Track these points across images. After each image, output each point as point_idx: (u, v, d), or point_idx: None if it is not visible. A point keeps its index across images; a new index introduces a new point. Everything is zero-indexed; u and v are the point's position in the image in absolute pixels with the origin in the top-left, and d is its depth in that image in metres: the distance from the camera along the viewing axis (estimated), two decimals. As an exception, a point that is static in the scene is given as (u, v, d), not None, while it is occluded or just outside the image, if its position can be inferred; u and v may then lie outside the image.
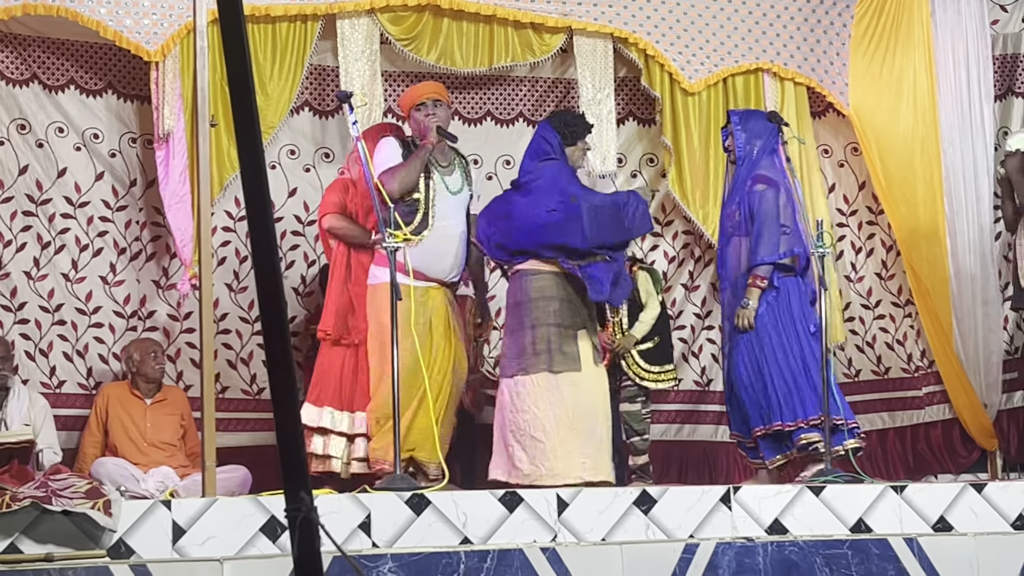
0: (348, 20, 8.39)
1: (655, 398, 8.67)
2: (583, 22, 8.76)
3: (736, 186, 7.69)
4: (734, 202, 7.66)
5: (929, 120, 9.17)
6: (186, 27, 7.75)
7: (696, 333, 9.27)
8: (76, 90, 8.31)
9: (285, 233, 8.52)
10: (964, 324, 9.12)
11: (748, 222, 7.55)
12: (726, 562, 5.98)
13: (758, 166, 7.64)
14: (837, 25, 9.25)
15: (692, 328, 9.27)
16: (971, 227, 9.16)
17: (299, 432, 2.56)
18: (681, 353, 9.18)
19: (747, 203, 7.57)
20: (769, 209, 7.48)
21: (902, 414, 9.36)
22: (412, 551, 5.64)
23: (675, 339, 9.03)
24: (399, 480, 6.39)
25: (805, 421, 7.34)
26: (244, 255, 8.48)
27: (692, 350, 9.26)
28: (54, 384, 8.17)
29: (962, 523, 6.52)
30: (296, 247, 8.66)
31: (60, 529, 5.35)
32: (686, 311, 9.26)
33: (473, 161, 8.99)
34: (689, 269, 9.26)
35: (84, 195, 8.26)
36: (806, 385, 7.43)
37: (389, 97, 8.80)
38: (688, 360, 9.24)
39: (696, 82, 8.93)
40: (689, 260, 9.26)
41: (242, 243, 8.47)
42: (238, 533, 5.58)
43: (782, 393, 7.41)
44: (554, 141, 7.40)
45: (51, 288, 8.20)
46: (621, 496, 6.18)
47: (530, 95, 9.18)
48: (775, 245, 7.43)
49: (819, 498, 6.43)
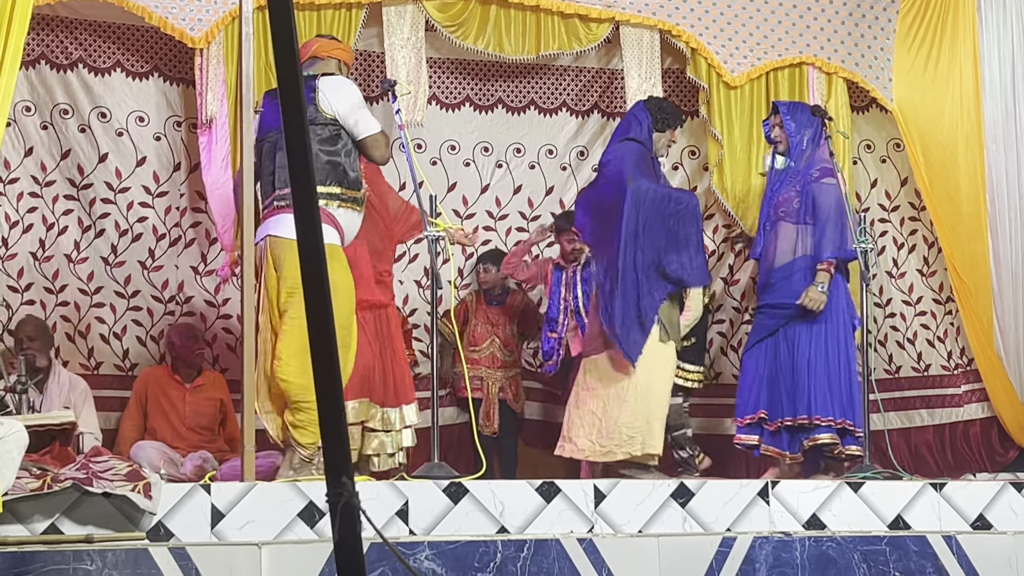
0: (393, 7, 8.40)
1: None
2: (627, 14, 8.74)
3: (789, 175, 7.68)
4: (792, 189, 7.66)
5: (973, 117, 9.11)
6: (231, 14, 7.77)
7: (735, 327, 9.25)
8: (122, 72, 8.34)
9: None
10: (1004, 322, 9.06)
11: (810, 212, 7.57)
12: (763, 556, 5.96)
13: (817, 157, 7.66)
14: (882, 20, 9.20)
15: (731, 322, 9.25)
16: (1014, 225, 9.09)
17: (343, 419, 2.55)
18: (719, 347, 9.17)
19: (810, 193, 7.58)
20: (837, 202, 7.53)
21: (941, 411, 9.31)
22: (449, 539, 5.65)
23: (714, 333, 9.04)
24: (437, 468, 6.40)
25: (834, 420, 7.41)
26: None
27: (731, 344, 9.24)
28: (92, 366, 8.23)
29: (1001, 521, 6.48)
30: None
31: (100, 511, 5.37)
32: (725, 305, 9.24)
33: (516, 150, 9.02)
34: (729, 263, 9.24)
35: (125, 180, 8.30)
36: (839, 384, 7.48)
37: (434, 84, 8.81)
38: (727, 354, 9.22)
39: (738, 76, 8.90)
40: (729, 254, 9.23)
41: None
42: (276, 518, 5.59)
43: (819, 387, 7.44)
44: (645, 122, 7.47)
45: (91, 271, 8.26)
46: (659, 488, 6.17)
47: (574, 84, 9.16)
48: (845, 239, 7.47)
49: (857, 494, 6.40)
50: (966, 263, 9.07)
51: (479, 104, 9.00)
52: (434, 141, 8.88)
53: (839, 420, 7.51)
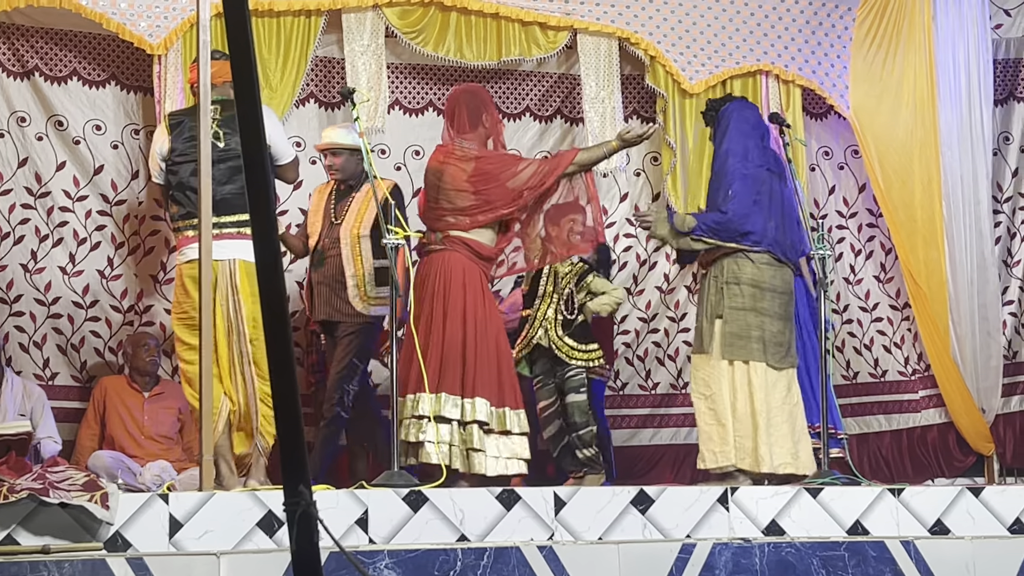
0: (353, 14, 8.40)
1: (626, 403, 8.69)
2: (585, 22, 8.77)
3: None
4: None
5: (929, 124, 9.16)
6: (189, 21, 7.75)
7: (671, 336, 9.25)
8: (79, 81, 8.31)
9: (290, 226, 8.50)
10: (961, 328, 9.11)
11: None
12: (723, 563, 5.98)
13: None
14: (839, 27, 9.25)
15: (666, 332, 9.25)
16: (969, 231, 9.15)
17: (300, 427, 2.54)
18: (656, 357, 9.19)
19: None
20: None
21: (899, 417, 9.36)
22: (409, 548, 5.63)
23: (649, 343, 9.06)
24: (397, 476, 6.39)
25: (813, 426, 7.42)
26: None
27: (668, 353, 9.25)
28: (47, 376, 8.17)
29: (959, 527, 6.52)
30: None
31: (57, 521, 5.33)
32: (660, 315, 9.25)
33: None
34: (665, 272, 9.25)
35: (83, 189, 8.25)
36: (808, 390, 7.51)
37: (397, 90, 8.81)
38: (664, 364, 9.23)
39: (697, 83, 8.93)
40: (665, 263, 9.23)
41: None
42: (235, 527, 5.56)
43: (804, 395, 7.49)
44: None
45: (48, 281, 8.20)
46: (619, 495, 6.18)
47: (536, 90, 9.17)
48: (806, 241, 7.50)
49: (816, 500, 6.42)
50: (922, 269, 9.12)
51: (442, 109, 8.97)
52: (398, 146, 8.87)
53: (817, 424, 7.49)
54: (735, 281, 7.26)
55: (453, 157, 7.24)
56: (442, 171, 7.23)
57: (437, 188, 7.24)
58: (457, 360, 7.02)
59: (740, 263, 7.26)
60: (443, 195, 7.21)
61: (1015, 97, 9.64)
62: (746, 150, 7.42)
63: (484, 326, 7.13)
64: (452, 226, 7.22)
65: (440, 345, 7.02)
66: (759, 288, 7.23)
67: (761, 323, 7.20)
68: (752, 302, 7.22)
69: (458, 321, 7.09)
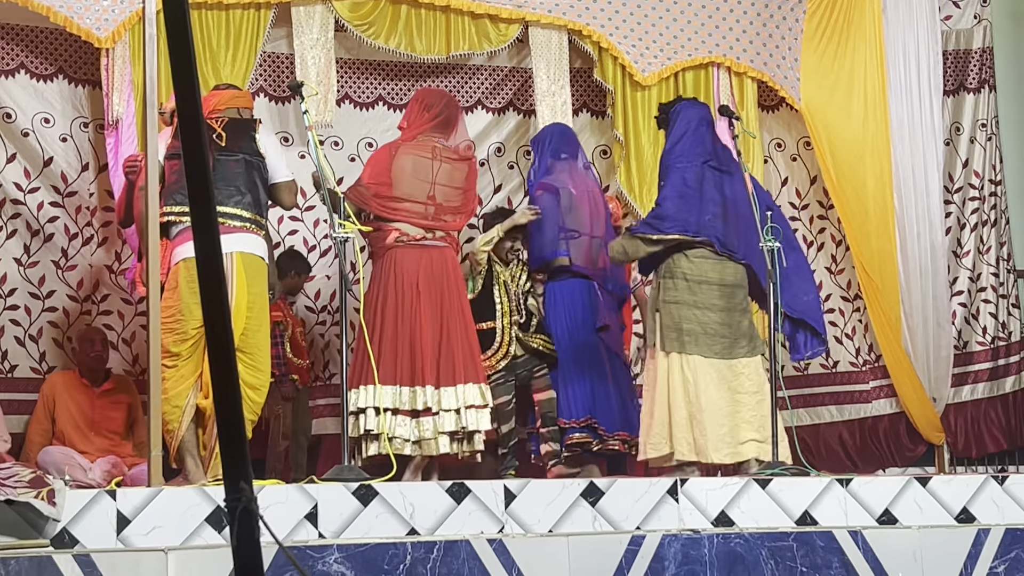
0: (303, 7, 8.37)
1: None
2: (537, 14, 8.77)
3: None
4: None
5: (879, 116, 9.22)
6: (136, 14, 7.70)
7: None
8: (27, 74, 8.25)
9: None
10: (913, 319, 9.18)
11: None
12: (672, 554, 5.99)
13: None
14: (790, 20, 9.29)
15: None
16: (920, 223, 9.22)
17: (240, 421, 2.52)
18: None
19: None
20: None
21: (850, 407, 9.42)
22: (359, 542, 5.62)
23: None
24: (346, 471, 6.38)
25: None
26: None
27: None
28: (6, 369, 8.12)
29: (906, 516, 6.56)
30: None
31: (3, 518, 5.29)
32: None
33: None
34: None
35: (33, 181, 8.20)
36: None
37: (347, 85, 8.79)
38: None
39: (649, 75, 8.94)
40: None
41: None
42: (183, 523, 5.54)
43: None
44: None
45: (4, 273, 8.15)
46: (569, 487, 6.19)
47: (488, 83, 9.17)
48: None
49: (765, 491, 6.45)
50: (873, 261, 9.18)
51: (392, 103, 8.97)
52: (351, 138, 8.85)
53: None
54: (670, 275, 7.34)
55: (447, 153, 7.43)
56: (436, 166, 7.36)
57: (428, 183, 7.32)
58: (431, 352, 7.17)
59: (676, 258, 7.33)
60: (438, 191, 7.36)
61: (965, 88, 9.70)
62: (683, 146, 7.46)
63: (463, 316, 7.38)
64: (449, 225, 7.42)
65: (419, 337, 7.15)
66: (694, 281, 7.28)
67: (697, 316, 7.25)
68: (688, 295, 7.28)
69: (457, 315, 7.30)
